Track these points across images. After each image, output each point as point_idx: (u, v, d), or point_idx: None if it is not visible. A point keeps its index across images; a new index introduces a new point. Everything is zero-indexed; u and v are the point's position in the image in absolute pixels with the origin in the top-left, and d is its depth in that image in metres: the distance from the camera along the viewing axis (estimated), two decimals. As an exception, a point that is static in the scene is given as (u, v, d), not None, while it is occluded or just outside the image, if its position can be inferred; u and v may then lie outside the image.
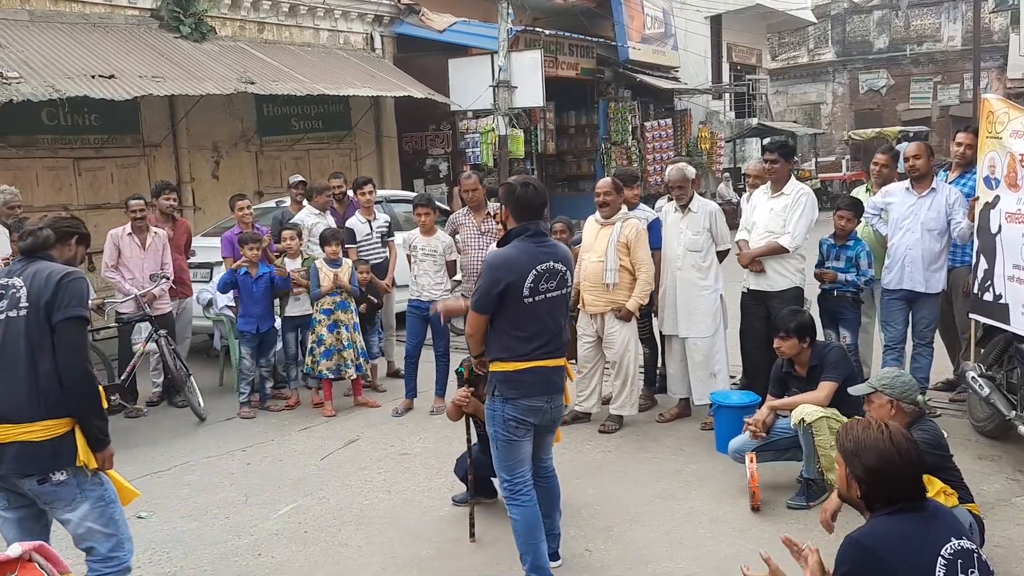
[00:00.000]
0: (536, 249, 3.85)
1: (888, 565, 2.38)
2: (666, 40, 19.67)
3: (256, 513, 5.13)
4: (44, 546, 1.30)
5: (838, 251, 6.25)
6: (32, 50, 9.16)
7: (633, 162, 17.95)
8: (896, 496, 2.50)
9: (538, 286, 3.79)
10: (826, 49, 34.69)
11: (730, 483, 5.19)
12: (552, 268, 3.83)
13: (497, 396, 3.85)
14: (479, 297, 3.79)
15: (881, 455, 2.50)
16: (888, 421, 2.70)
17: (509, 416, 3.83)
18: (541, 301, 3.81)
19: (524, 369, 3.81)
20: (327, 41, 13.54)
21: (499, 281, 3.73)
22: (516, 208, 3.89)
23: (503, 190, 4.01)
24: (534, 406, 3.85)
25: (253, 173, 12.63)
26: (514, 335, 3.80)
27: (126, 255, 7.20)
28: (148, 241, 7.25)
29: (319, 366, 6.98)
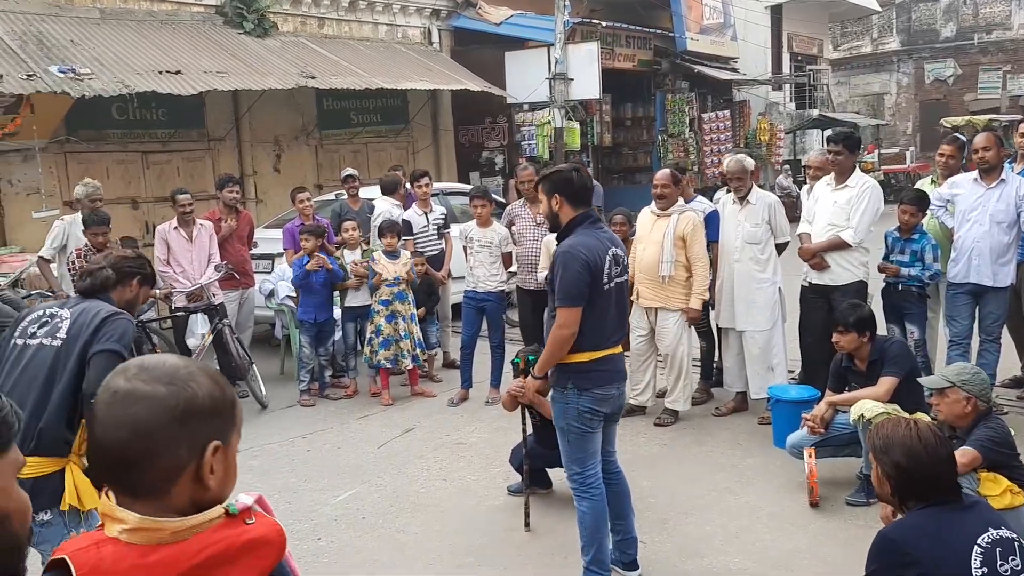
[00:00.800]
0: (602, 235, 3.86)
1: (916, 558, 2.37)
2: (725, 30, 19.40)
3: (316, 498, 5.24)
4: (262, 497, 1.40)
5: (903, 244, 6.12)
6: (103, 47, 9.44)
7: (690, 154, 17.76)
8: (926, 492, 2.50)
9: (612, 271, 3.79)
10: (890, 38, 33.80)
11: (788, 478, 5.14)
12: (616, 254, 3.84)
13: (571, 388, 3.81)
14: (570, 288, 3.69)
15: (908, 451, 2.51)
16: (917, 419, 2.69)
17: (584, 408, 3.79)
18: (613, 287, 3.82)
19: (600, 358, 3.80)
20: (385, 35, 13.67)
21: (587, 267, 3.69)
22: (574, 196, 3.87)
23: (556, 178, 3.90)
24: (607, 395, 3.84)
25: (313, 166, 12.83)
26: (590, 324, 3.76)
27: (174, 249, 7.34)
28: (195, 234, 7.40)
29: (377, 356, 7.09)
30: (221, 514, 1.34)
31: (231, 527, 1.34)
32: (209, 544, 1.30)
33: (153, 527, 1.27)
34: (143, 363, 1.34)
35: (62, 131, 9.75)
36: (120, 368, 1.34)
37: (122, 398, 1.29)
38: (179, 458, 1.31)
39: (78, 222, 7.08)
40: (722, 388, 6.69)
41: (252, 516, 1.37)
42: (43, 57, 8.78)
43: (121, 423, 1.28)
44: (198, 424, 1.32)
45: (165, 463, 1.30)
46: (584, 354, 3.78)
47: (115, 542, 1.27)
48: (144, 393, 1.29)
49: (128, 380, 1.30)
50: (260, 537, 1.35)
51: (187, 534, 1.29)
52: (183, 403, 1.30)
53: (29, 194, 9.52)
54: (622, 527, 4.09)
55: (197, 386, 1.34)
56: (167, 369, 1.33)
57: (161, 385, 1.30)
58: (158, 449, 1.29)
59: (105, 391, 1.31)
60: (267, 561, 1.36)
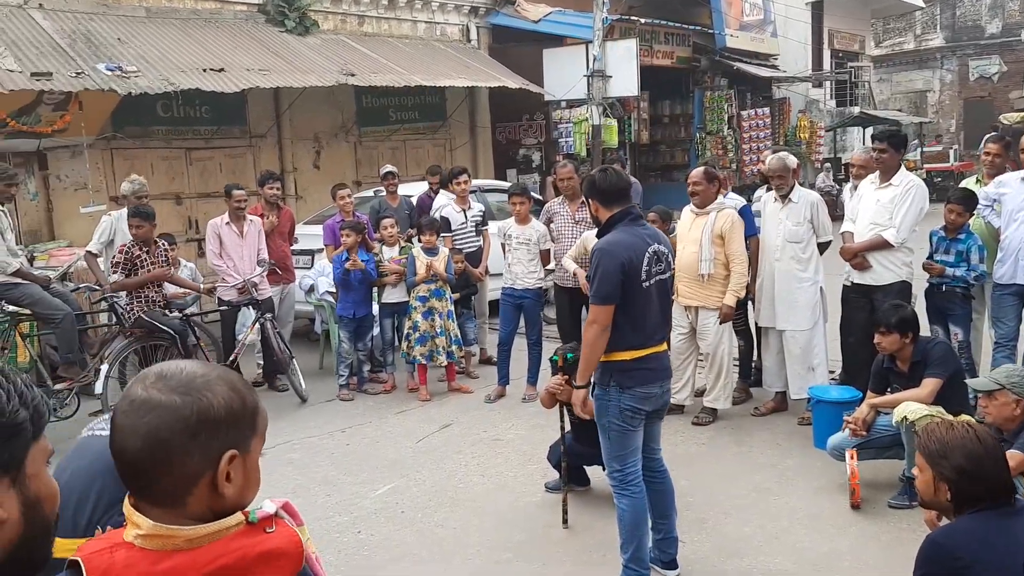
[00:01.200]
0: (642, 232, 3.85)
1: (966, 563, 2.34)
2: (765, 27, 19.20)
3: (355, 492, 5.30)
4: (288, 503, 1.40)
5: (948, 244, 6.03)
6: (149, 45, 9.61)
7: (728, 152, 17.63)
8: (983, 495, 2.45)
9: (652, 269, 3.78)
10: (934, 34, 33.24)
11: (828, 479, 5.09)
12: (658, 251, 3.83)
13: (613, 386, 3.80)
14: (602, 285, 3.70)
15: (969, 454, 2.46)
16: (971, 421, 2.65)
17: (626, 406, 3.79)
18: (654, 284, 3.81)
19: (642, 357, 3.79)
20: (424, 33, 13.74)
21: (621, 266, 3.69)
22: (603, 196, 3.88)
23: (587, 183, 3.97)
24: (650, 393, 3.83)
25: (352, 163, 12.94)
26: (631, 323, 3.75)
27: (226, 243, 7.47)
28: (245, 229, 7.52)
29: (414, 351, 7.15)
30: (240, 522, 1.32)
31: (249, 536, 1.32)
32: (223, 554, 1.28)
33: (166, 534, 1.27)
34: (162, 371, 1.33)
35: (109, 128, 9.95)
36: (140, 376, 1.34)
37: (138, 407, 1.28)
38: (193, 467, 1.30)
39: (124, 217, 7.22)
40: (761, 388, 6.64)
41: (273, 524, 1.36)
42: (91, 55, 8.95)
43: (136, 432, 1.27)
44: (212, 434, 1.30)
45: (179, 472, 1.29)
46: (626, 352, 3.77)
47: (129, 547, 1.27)
48: (158, 402, 1.29)
49: (145, 389, 1.30)
50: (276, 548, 1.33)
51: (202, 542, 1.28)
52: (196, 413, 1.29)
53: (76, 189, 9.73)
54: (664, 526, 4.08)
55: (212, 396, 1.32)
56: (184, 378, 1.32)
57: (176, 395, 1.29)
58: (171, 458, 1.28)
59: (124, 398, 1.31)
60: (283, 573, 1.34)
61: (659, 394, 3.90)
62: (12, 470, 1.05)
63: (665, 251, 3.90)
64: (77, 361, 6.68)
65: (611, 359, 3.81)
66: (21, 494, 1.06)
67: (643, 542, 3.90)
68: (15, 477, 1.06)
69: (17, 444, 1.06)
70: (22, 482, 1.07)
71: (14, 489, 1.05)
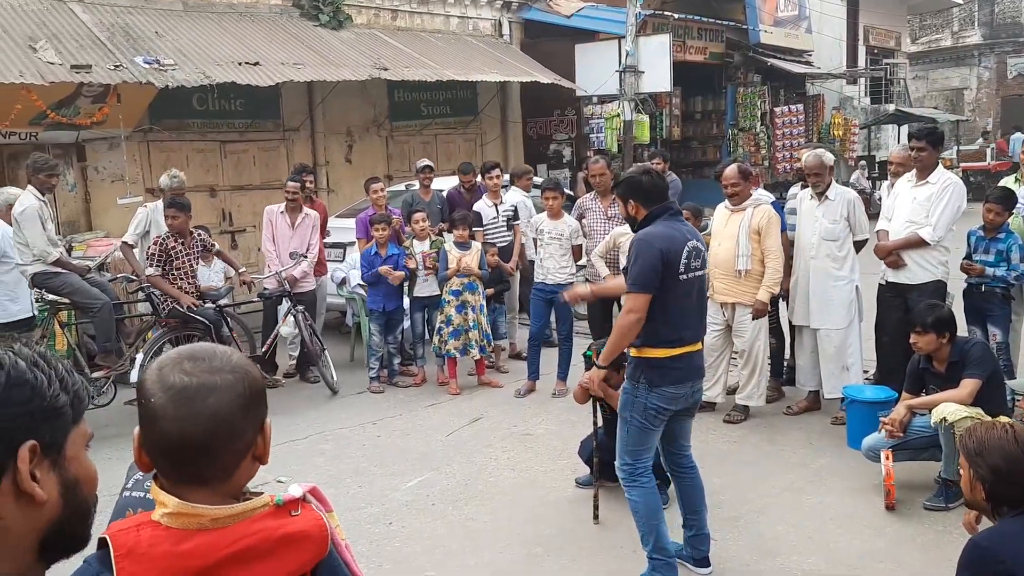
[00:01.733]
0: (682, 227, 3.86)
1: (1009, 567, 2.30)
2: (800, 22, 18.99)
3: (386, 484, 5.33)
4: (316, 488, 1.42)
5: (987, 244, 5.94)
6: (185, 39, 9.70)
7: (761, 149, 17.48)
8: (1019, 497, 2.42)
9: (690, 263, 3.78)
10: (972, 31, 32.68)
11: (863, 480, 5.04)
12: (696, 247, 3.83)
13: (643, 383, 3.79)
14: (640, 275, 3.69)
15: (1006, 454, 2.44)
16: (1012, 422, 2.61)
17: (652, 404, 3.78)
18: (693, 280, 3.80)
19: (677, 356, 3.77)
20: (456, 27, 13.75)
21: (660, 255, 3.68)
22: (647, 197, 3.86)
23: (626, 185, 3.93)
24: (679, 393, 3.82)
25: (383, 157, 12.99)
26: (666, 317, 3.74)
27: (276, 232, 7.58)
28: (298, 221, 7.60)
29: (447, 345, 7.17)
30: (266, 504, 1.35)
31: (274, 518, 1.34)
32: (246, 535, 1.30)
33: (192, 512, 1.29)
34: (194, 354, 1.35)
35: (146, 120, 10.06)
36: (171, 364, 1.34)
37: (195, 392, 1.30)
38: (248, 439, 1.35)
39: (160, 209, 7.31)
40: (793, 386, 6.59)
41: (299, 508, 1.37)
42: (129, 48, 9.06)
43: (200, 416, 1.29)
44: (258, 405, 1.37)
45: (238, 446, 1.34)
46: (661, 349, 3.76)
47: (155, 526, 1.29)
48: (214, 384, 1.31)
49: (189, 374, 1.31)
50: (300, 531, 1.35)
51: (227, 522, 1.30)
52: (248, 388, 1.34)
53: (113, 181, 9.86)
54: (695, 522, 4.06)
55: (252, 369, 1.38)
56: (222, 358, 1.36)
57: (227, 374, 1.33)
58: (234, 434, 1.33)
59: (167, 389, 1.31)
60: (306, 556, 1.36)
61: (688, 394, 3.88)
62: (52, 453, 1.08)
63: (702, 249, 3.89)
64: (114, 350, 6.78)
65: (644, 354, 3.79)
66: (61, 476, 1.09)
67: (662, 530, 3.89)
68: (55, 460, 1.08)
69: (57, 427, 1.09)
70: (62, 465, 1.09)
71: (54, 471, 1.08)
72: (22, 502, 1.04)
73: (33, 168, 6.55)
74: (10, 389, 1.04)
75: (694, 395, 3.95)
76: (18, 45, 8.32)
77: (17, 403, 1.04)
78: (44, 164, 6.59)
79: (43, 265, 6.47)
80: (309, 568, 1.37)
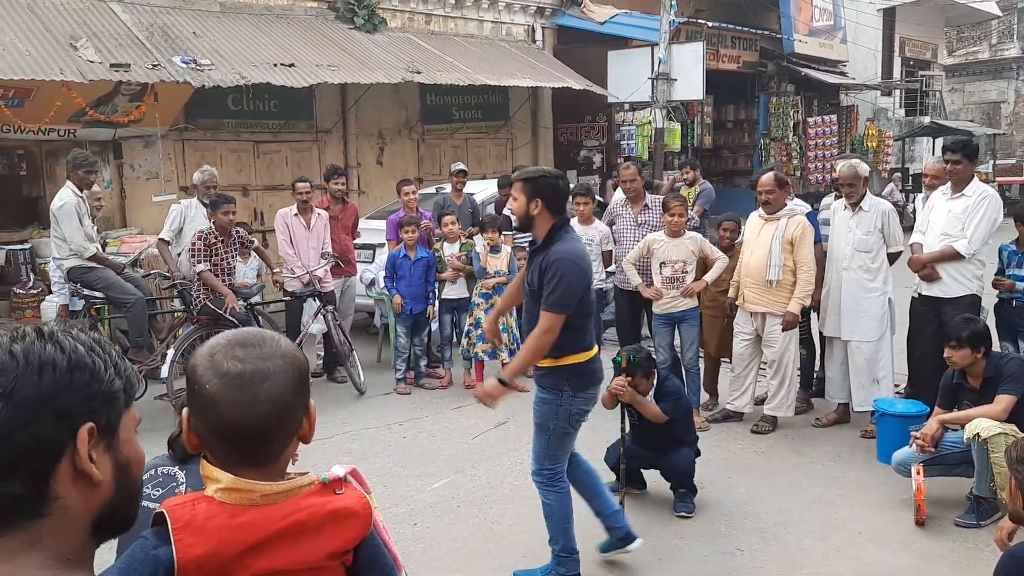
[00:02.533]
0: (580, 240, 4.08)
1: None
2: (835, 32, 18.85)
3: (412, 484, 5.35)
4: (356, 469, 1.46)
5: (1020, 258, 5.86)
6: (222, 40, 9.83)
7: (793, 159, 17.36)
8: None
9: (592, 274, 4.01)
10: (1010, 44, 32.22)
11: (892, 494, 4.98)
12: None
13: (567, 390, 3.88)
14: (565, 296, 3.71)
15: None
16: None
17: (576, 409, 3.91)
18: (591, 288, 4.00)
19: (593, 357, 3.94)
20: (490, 32, 13.80)
21: (586, 277, 3.84)
22: (558, 205, 3.89)
23: (543, 185, 3.85)
24: (594, 395, 4.01)
25: (414, 160, 13.06)
26: (582, 325, 3.88)
27: (294, 234, 7.62)
28: (312, 221, 7.64)
29: (475, 348, 7.19)
30: (312, 482, 1.41)
31: (320, 495, 1.40)
32: (296, 510, 1.36)
33: (245, 488, 1.35)
34: (245, 341, 1.39)
35: (181, 119, 10.21)
36: (222, 351, 1.37)
37: (250, 378, 1.34)
38: (299, 421, 1.41)
39: (195, 206, 7.39)
40: (822, 398, 6.53)
41: (343, 487, 1.44)
42: (167, 48, 9.19)
43: (258, 400, 1.34)
44: (306, 388, 1.42)
45: (291, 428, 1.40)
46: (581, 355, 3.88)
47: (210, 500, 1.35)
48: (268, 369, 1.36)
49: (242, 361, 1.36)
50: (346, 508, 1.41)
51: (277, 498, 1.36)
52: (298, 371, 1.40)
53: (148, 179, 10.00)
54: (603, 502, 4.21)
55: (298, 353, 1.43)
56: (271, 343, 1.40)
57: (278, 360, 1.38)
58: (289, 417, 1.38)
59: (223, 376, 1.34)
60: (352, 533, 1.42)
61: (596, 395, 4.07)
62: (108, 435, 1.11)
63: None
64: (145, 345, 6.87)
65: (565, 363, 3.86)
66: (114, 458, 1.12)
67: (571, 532, 4.08)
68: (110, 442, 1.12)
69: (113, 410, 1.12)
70: (116, 447, 1.13)
71: (109, 453, 1.11)
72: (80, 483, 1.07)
73: (72, 164, 6.66)
74: (72, 372, 1.07)
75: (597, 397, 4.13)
76: (59, 43, 8.47)
77: (78, 386, 1.07)
78: (83, 161, 6.70)
79: (79, 260, 6.56)
80: (353, 544, 1.43)
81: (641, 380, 4.80)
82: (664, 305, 6.23)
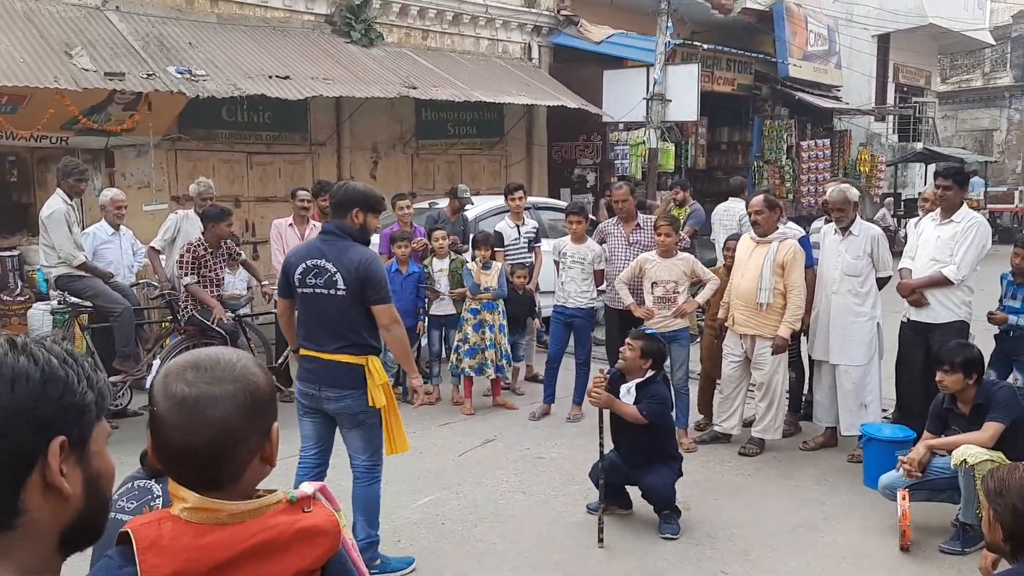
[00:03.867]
0: (317, 245, 4.25)
1: None
2: (829, 58, 18.98)
3: (396, 501, 5.30)
4: (325, 486, 1.45)
5: (1015, 289, 5.88)
6: (218, 50, 9.83)
7: (786, 182, 17.43)
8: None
9: (304, 279, 4.17)
10: (1004, 73, 32.49)
11: (878, 519, 4.97)
12: (317, 265, 4.15)
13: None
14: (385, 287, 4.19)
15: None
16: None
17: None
18: (308, 293, 4.18)
19: (303, 356, 4.27)
20: (486, 49, 13.85)
21: (283, 269, 4.32)
22: (330, 205, 4.45)
23: (365, 197, 4.27)
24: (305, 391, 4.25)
25: (408, 174, 13.06)
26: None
27: (287, 245, 7.59)
28: (307, 233, 7.62)
29: (462, 363, 7.16)
30: (280, 500, 1.40)
31: (288, 514, 1.39)
32: (263, 529, 1.35)
33: (212, 507, 1.34)
34: (197, 363, 1.39)
35: (175, 129, 10.19)
36: (175, 373, 1.38)
37: (194, 403, 1.34)
38: (254, 445, 1.39)
39: (190, 217, 7.37)
40: (810, 421, 6.52)
41: (311, 505, 1.43)
42: (163, 58, 9.19)
43: (203, 426, 1.34)
44: (264, 412, 1.41)
45: (243, 453, 1.38)
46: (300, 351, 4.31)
47: (176, 520, 1.34)
48: (214, 395, 1.35)
49: (190, 384, 1.35)
50: (314, 526, 1.40)
51: (244, 517, 1.35)
52: (249, 396, 1.38)
53: (140, 188, 9.96)
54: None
55: (255, 377, 1.41)
56: (225, 367, 1.39)
57: (228, 384, 1.37)
58: (237, 443, 1.37)
59: (169, 399, 1.35)
60: (320, 550, 1.41)
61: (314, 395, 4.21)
62: (79, 448, 1.11)
63: (328, 267, 4.12)
64: (132, 355, 6.81)
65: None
66: (85, 471, 1.12)
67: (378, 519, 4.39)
68: (80, 455, 1.11)
69: (85, 423, 1.12)
70: (86, 460, 1.12)
71: (79, 467, 1.11)
72: (50, 496, 1.07)
73: (63, 172, 6.63)
74: (44, 384, 1.07)
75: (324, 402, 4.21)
76: (54, 51, 8.45)
77: (51, 398, 1.07)
78: (74, 168, 6.67)
79: (68, 268, 6.53)
80: (322, 563, 1.42)
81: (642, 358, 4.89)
82: (655, 325, 6.22)
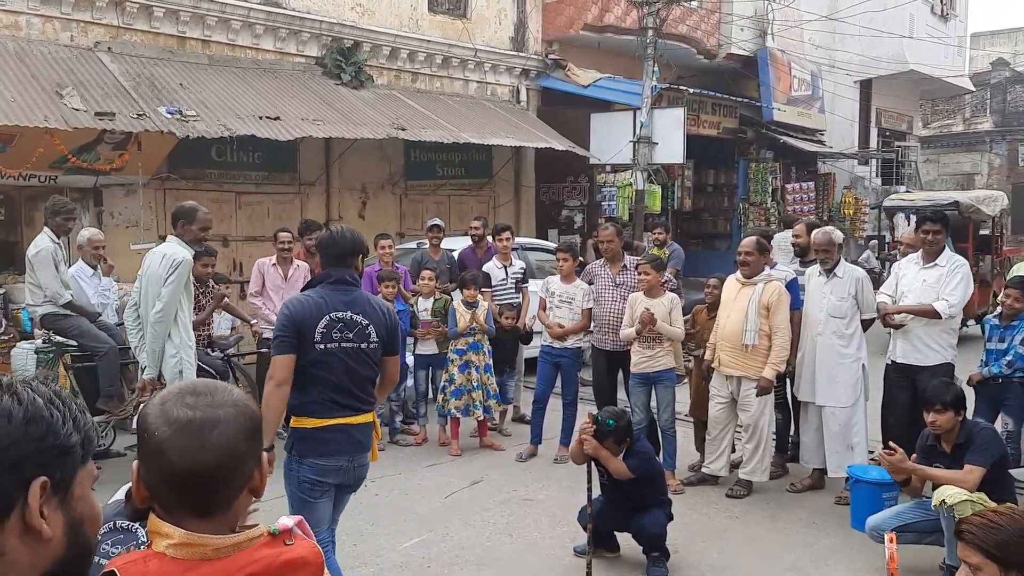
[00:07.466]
0: (334, 296, 3.74)
1: None
2: (813, 102, 19.29)
3: (382, 543, 5.25)
4: (303, 521, 1.45)
5: (1002, 332, 5.94)
6: (209, 91, 9.90)
7: (771, 223, 17.58)
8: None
9: (331, 335, 3.68)
10: (983, 118, 33.09)
11: (866, 562, 4.95)
12: (342, 318, 3.70)
13: (294, 455, 3.72)
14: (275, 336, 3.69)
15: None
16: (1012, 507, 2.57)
17: (304, 478, 3.70)
18: (333, 350, 3.68)
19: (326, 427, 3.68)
20: (475, 92, 14.01)
21: (291, 321, 3.65)
22: (322, 254, 3.96)
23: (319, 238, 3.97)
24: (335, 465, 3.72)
25: (396, 215, 13.12)
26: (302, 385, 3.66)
27: (268, 284, 7.61)
28: (290, 273, 7.63)
29: (448, 404, 7.14)
30: (263, 533, 1.40)
31: (271, 547, 1.39)
32: (249, 562, 1.35)
33: (197, 542, 1.33)
34: (196, 389, 1.40)
35: (164, 168, 10.22)
36: (173, 399, 1.38)
37: (199, 425, 1.34)
38: (248, 471, 1.40)
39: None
40: (797, 463, 6.51)
41: (292, 538, 1.43)
42: (153, 98, 9.25)
43: (207, 448, 1.34)
44: (258, 437, 1.43)
45: (240, 477, 1.39)
46: (304, 419, 3.70)
47: (161, 557, 1.33)
48: (218, 417, 1.36)
49: (193, 408, 1.36)
50: (300, 558, 1.41)
51: (229, 551, 1.35)
52: (249, 420, 1.40)
53: (128, 227, 9.96)
54: None
55: (250, 404, 1.44)
56: (222, 392, 1.41)
57: (229, 408, 1.38)
58: (238, 466, 1.38)
59: (172, 423, 1.34)
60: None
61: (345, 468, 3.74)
62: (61, 491, 1.09)
63: (360, 320, 3.73)
64: (116, 394, 6.76)
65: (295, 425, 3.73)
66: (67, 515, 1.10)
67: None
68: (63, 498, 1.09)
69: (68, 466, 1.10)
70: (69, 503, 1.10)
71: (61, 510, 1.09)
72: (28, 538, 1.04)
73: (51, 211, 6.63)
74: (27, 424, 1.06)
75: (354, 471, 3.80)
76: (45, 91, 8.50)
77: (33, 438, 1.06)
78: (62, 207, 6.67)
79: (53, 307, 6.50)
80: None
81: (612, 445, 4.77)
82: (640, 365, 6.23)
